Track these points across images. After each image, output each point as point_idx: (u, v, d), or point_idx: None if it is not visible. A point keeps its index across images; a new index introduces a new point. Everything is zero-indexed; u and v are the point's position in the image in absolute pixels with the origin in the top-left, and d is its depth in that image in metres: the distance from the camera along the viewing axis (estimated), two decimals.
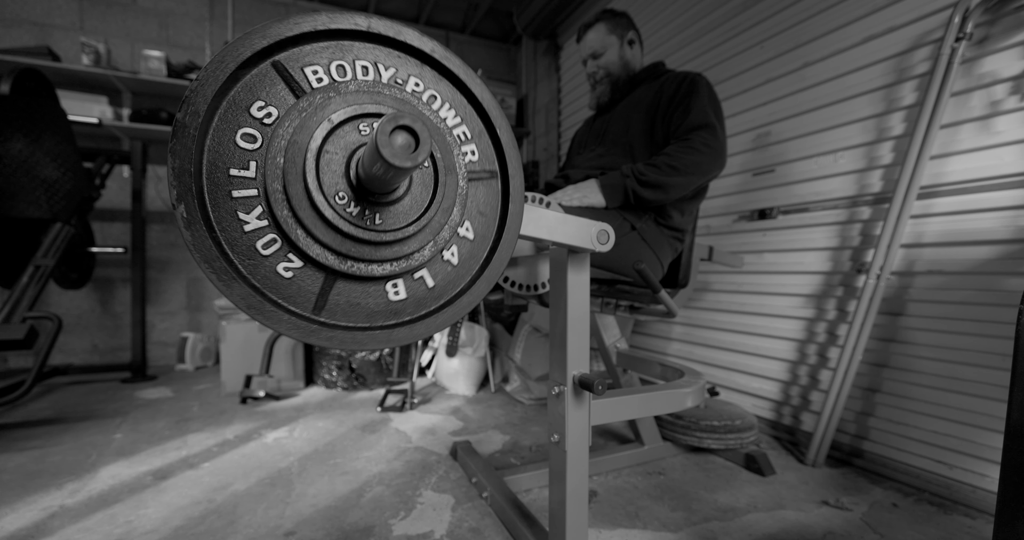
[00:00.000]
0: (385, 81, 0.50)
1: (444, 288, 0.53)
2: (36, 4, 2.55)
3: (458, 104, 0.54)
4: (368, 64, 0.49)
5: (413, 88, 0.51)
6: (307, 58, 0.46)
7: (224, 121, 0.43)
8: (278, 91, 0.45)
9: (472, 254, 0.55)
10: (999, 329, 1.15)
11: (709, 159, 1.14)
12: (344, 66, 0.47)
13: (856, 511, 1.15)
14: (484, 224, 0.56)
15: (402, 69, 0.51)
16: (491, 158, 0.56)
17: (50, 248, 1.85)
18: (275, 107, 0.45)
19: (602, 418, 0.88)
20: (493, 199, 0.56)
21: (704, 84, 1.22)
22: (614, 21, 1.38)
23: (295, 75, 0.45)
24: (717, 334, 1.93)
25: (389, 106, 0.47)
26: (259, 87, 0.44)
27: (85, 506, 1.14)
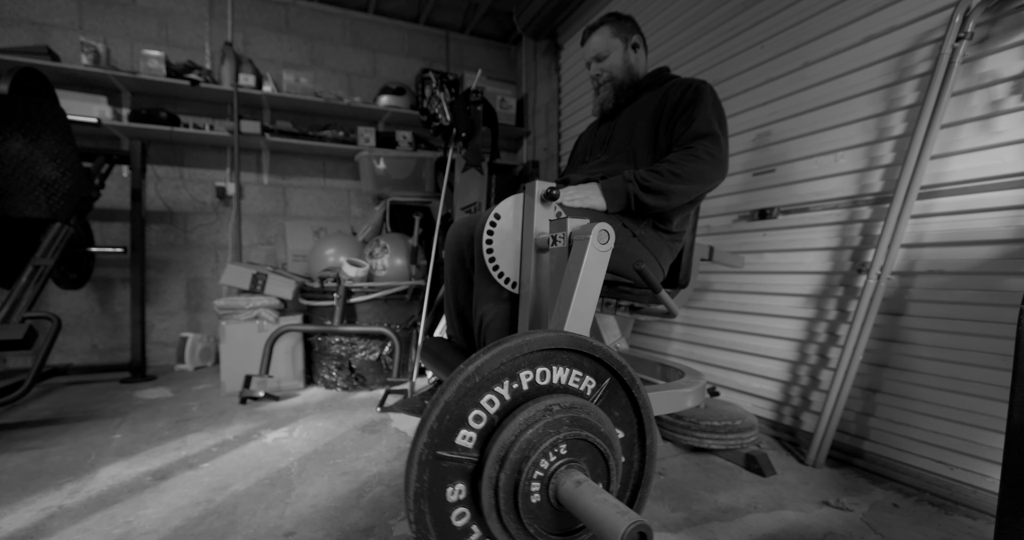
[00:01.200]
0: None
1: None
2: (35, 3, 2.54)
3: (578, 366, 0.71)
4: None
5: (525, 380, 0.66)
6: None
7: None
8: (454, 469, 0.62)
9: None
10: (1000, 329, 1.15)
11: (711, 168, 1.14)
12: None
13: (857, 511, 1.15)
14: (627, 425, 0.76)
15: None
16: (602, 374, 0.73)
17: (49, 248, 1.85)
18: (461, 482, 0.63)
19: None
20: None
21: (708, 92, 1.22)
22: (619, 24, 1.38)
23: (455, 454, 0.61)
24: (717, 334, 1.93)
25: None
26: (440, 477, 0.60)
27: (84, 506, 1.14)
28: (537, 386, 0.65)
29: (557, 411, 0.62)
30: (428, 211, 2.82)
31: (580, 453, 0.63)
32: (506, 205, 0.96)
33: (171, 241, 2.85)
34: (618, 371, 0.71)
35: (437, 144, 3.16)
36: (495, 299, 1.01)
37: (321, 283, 2.29)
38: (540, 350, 0.65)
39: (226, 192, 2.90)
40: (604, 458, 0.65)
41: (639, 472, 0.75)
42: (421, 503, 0.58)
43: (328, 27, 3.20)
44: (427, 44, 3.49)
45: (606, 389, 0.71)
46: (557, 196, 0.92)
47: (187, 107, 2.84)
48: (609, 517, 0.52)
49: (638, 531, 0.50)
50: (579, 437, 0.62)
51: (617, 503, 0.54)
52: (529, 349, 0.63)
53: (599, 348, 0.69)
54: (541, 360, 0.65)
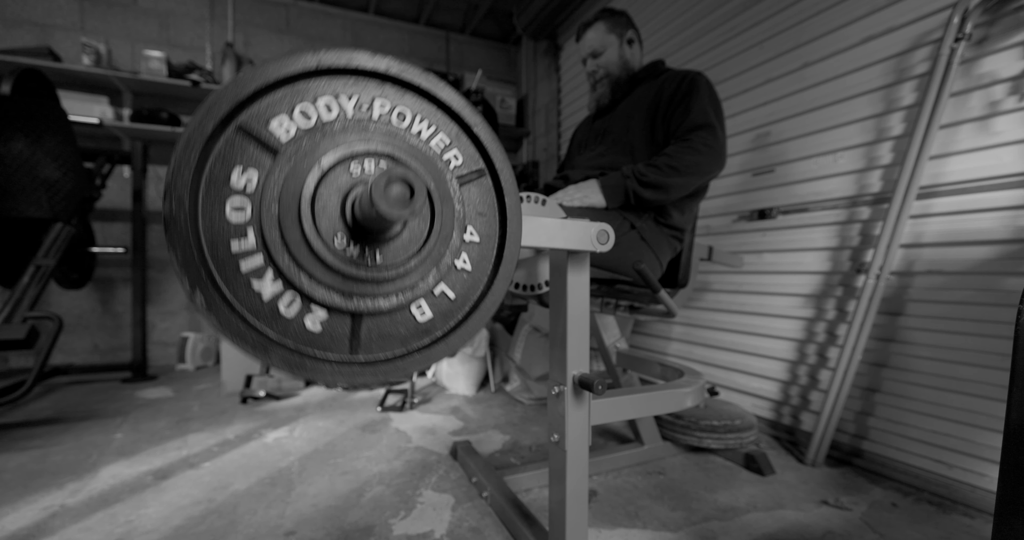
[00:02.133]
0: (350, 113, 0.49)
1: (466, 296, 0.54)
2: (37, 4, 2.55)
3: (428, 113, 0.54)
4: (330, 100, 0.48)
5: (379, 111, 0.51)
6: (269, 111, 0.45)
7: (209, 200, 0.42)
8: (252, 153, 0.44)
9: (483, 255, 0.56)
10: (998, 329, 1.15)
11: (709, 159, 1.14)
12: (307, 110, 0.47)
13: (856, 511, 1.15)
14: (486, 223, 0.56)
15: (364, 94, 0.50)
16: (475, 157, 0.56)
17: (51, 248, 1.85)
18: (255, 169, 0.44)
19: (602, 418, 0.89)
20: (488, 197, 0.57)
21: (704, 83, 1.22)
22: (613, 20, 1.38)
23: (262, 133, 0.45)
24: (717, 334, 1.93)
25: (361, 139, 0.48)
26: (232, 155, 0.43)
27: (86, 506, 1.14)
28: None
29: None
30: None
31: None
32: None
33: None
34: (494, 161, 0.56)
35: None
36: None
37: None
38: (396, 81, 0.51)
39: None
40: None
41: (485, 289, 0.56)
42: (197, 179, 0.42)
43: (328, 28, 3.20)
44: (427, 45, 3.49)
45: (475, 175, 0.56)
46: (545, 202, 0.92)
47: (188, 107, 2.85)
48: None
49: (399, 178, 0.41)
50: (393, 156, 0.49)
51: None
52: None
53: (481, 124, 0.55)
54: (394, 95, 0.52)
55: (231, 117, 0.43)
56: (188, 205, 0.41)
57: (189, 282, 0.41)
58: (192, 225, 0.41)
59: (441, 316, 0.53)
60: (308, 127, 0.46)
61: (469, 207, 0.55)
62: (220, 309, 0.42)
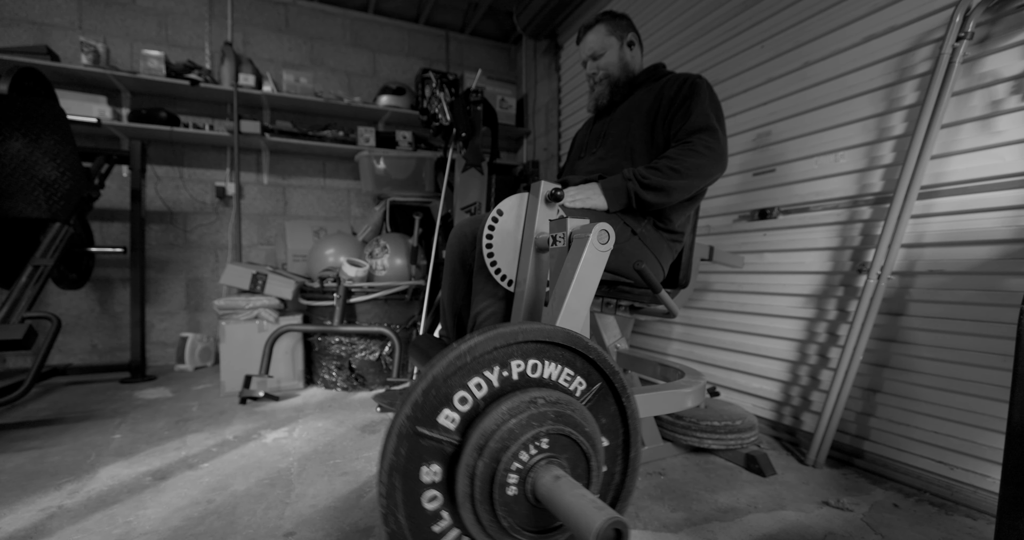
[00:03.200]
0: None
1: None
2: (35, 3, 2.54)
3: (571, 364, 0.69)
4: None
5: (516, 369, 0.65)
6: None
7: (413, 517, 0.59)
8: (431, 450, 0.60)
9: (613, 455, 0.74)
10: (1000, 329, 1.15)
11: (710, 162, 1.14)
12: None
13: (857, 512, 1.15)
14: (610, 426, 0.73)
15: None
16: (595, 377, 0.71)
17: (49, 248, 1.85)
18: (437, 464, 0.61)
19: None
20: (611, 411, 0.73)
21: (705, 86, 1.22)
22: (614, 22, 1.37)
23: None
24: (717, 334, 1.93)
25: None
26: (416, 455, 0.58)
27: (84, 507, 1.14)
28: (527, 378, 0.64)
29: (542, 404, 0.61)
30: (428, 211, 2.81)
31: (562, 449, 0.62)
32: (509, 203, 0.96)
33: (171, 241, 2.85)
34: (610, 376, 0.70)
35: (437, 144, 3.16)
36: (492, 296, 1.01)
37: (321, 283, 2.29)
38: (535, 341, 0.64)
39: (226, 192, 2.89)
40: (586, 457, 0.64)
41: (620, 484, 0.74)
42: (395, 478, 0.56)
43: (328, 27, 3.20)
44: (427, 44, 3.49)
45: (596, 393, 0.70)
46: (562, 197, 0.92)
47: (187, 107, 2.84)
48: (586, 512, 0.51)
49: (614, 527, 0.49)
50: (562, 433, 0.61)
51: (595, 499, 0.54)
52: (524, 338, 0.62)
53: (594, 349, 0.68)
54: (534, 352, 0.65)
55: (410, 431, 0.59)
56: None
57: None
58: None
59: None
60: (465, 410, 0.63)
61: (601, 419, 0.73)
62: None
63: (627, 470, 0.73)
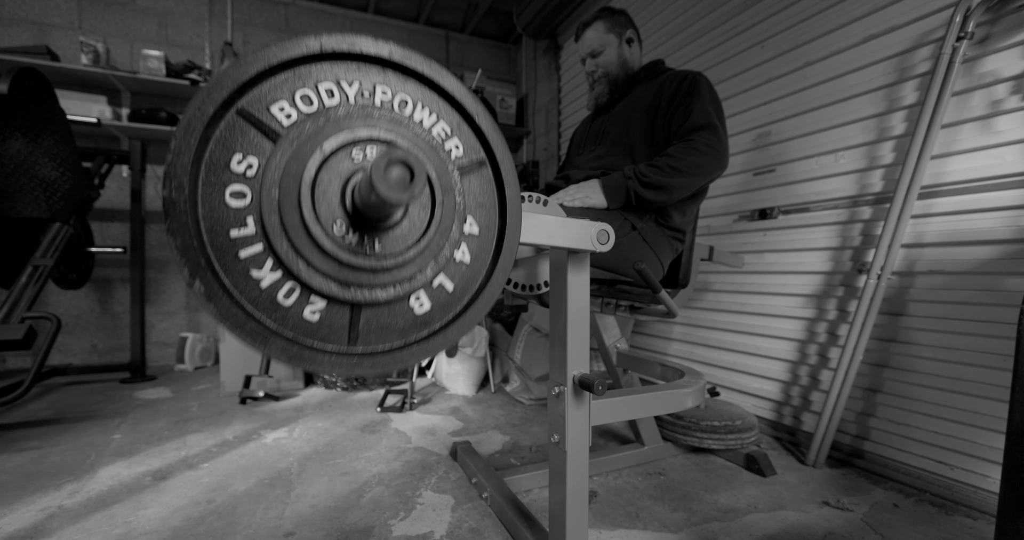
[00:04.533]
0: (352, 99, 0.48)
1: (464, 288, 0.54)
2: (35, 3, 2.54)
3: (430, 101, 0.53)
4: (331, 86, 0.47)
5: (381, 98, 0.50)
6: (270, 96, 0.44)
7: (209, 185, 0.42)
8: (252, 139, 0.44)
9: (482, 247, 0.55)
10: (1000, 329, 1.15)
11: (711, 160, 1.14)
12: (308, 95, 0.46)
13: (857, 512, 1.15)
14: (485, 215, 0.56)
15: (365, 80, 0.49)
16: (475, 147, 0.56)
17: (49, 248, 1.85)
18: (254, 156, 0.44)
19: (602, 418, 0.88)
20: (488, 188, 0.56)
21: (705, 84, 1.21)
22: (612, 19, 1.37)
23: (263, 118, 0.44)
24: (717, 334, 1.93)
25: (364, 125, 0.47)
26: (232, 140, 0.43)
27: (84, 507, 1.14)
28: (390, 109, 0.50)
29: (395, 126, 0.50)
30: None
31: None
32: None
33: None
34: (495, 151, 0.56)
35: None
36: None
37: None
38: (415, 72, 0.51)
39: None
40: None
41: (485, 281, 0.56)
42: (197, 164, 0.41)
43: (328, 27, 3.20)
44: (427, 44, 3.49)
45: (475, 165, 0.56)
46: (547, 203, 0.91)
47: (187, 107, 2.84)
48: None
49: (400, 160, 0.40)
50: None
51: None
52: (401, 60, 0.50)
53: (482, 114, 0.55)
54: (410, 88, 0.51)
55: (232, 101, 0.43)
56: (188, 190, 0.40)
57: (188, 270, 0.40)
58: (192, 211, 0.41)
59: (440, 308, 0.52)
60: (310, 112, 0.46)
61: (469, 198, 0.55)
62: (220, 298, 0.41)
63: (493, 269, 0.56)
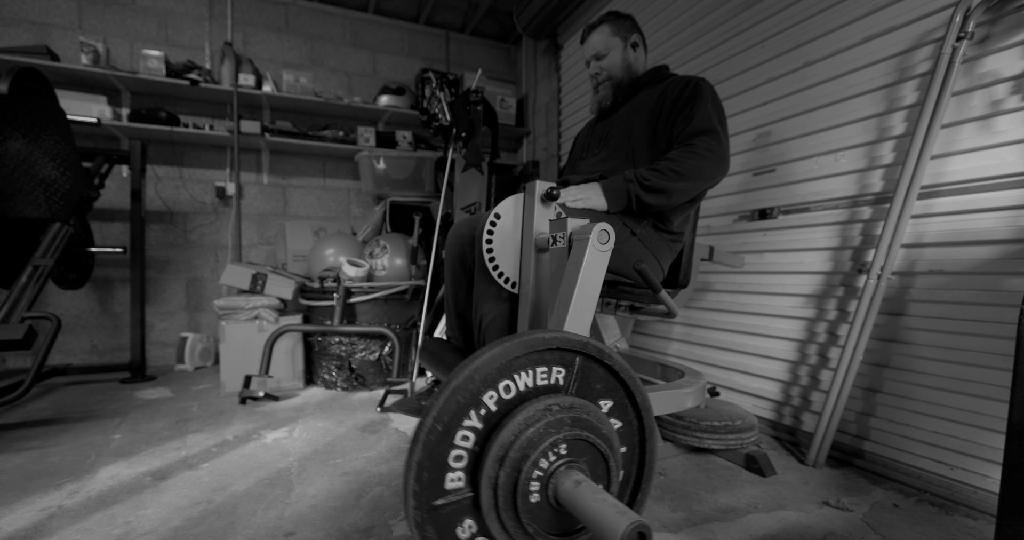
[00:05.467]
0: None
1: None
2: (35, 3, 2.54)
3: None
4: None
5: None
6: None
7: None
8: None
9: (628, 423, 0.73)
10: (1000, 329, 1.15)
11: (712, 165, 1.14)
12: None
13: (857, 512, 1.15)
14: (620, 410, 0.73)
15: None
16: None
17: (49, 248, 1.85)
18: (470, 520, 0.62)
19: None
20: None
21: (707, 89, 1.21)
22: (618, 23, 1.38)
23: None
24: (717, 334, 1.93)
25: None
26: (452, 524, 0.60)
27: (84, 507, 1.14)
28: (505, 401, 0.63)
29: (557, 410, 0.61)
30: (428, 211, 2.81)
31: (580, 453, 0.63)
32: (506, 205, 0.96)
33: (171, 241, 2.85)
34: (582, 350, 0.67)
35: (437, 144, 3.16)
36: (495, 299, 1.01)
37: (321, 283, 2.29)
38: (493, 369, 0.61)
39: (226, 192, 2.89)
40: (604, 459, 0.64)
41: (636, 482, 0.75)
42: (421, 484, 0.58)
43: (328, 27, 3.20)
44: (427, 44, 3.49)
45: (578, 371, 0.67)
46: (557, 196, 0.92)
47: (187, 107, 2.84)
48: (608, 516, 0.52)
49: (637, 531, 0.50)
50: (579, 437, 0.62)
51: (616, 503, 0.54)
52: (480, 376, 0.61)
53: (552, 339, 0.64)
54: (498, 375, 0.62)
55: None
56: None
57: None
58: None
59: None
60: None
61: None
62: None
63: (643, 469, 0.73)
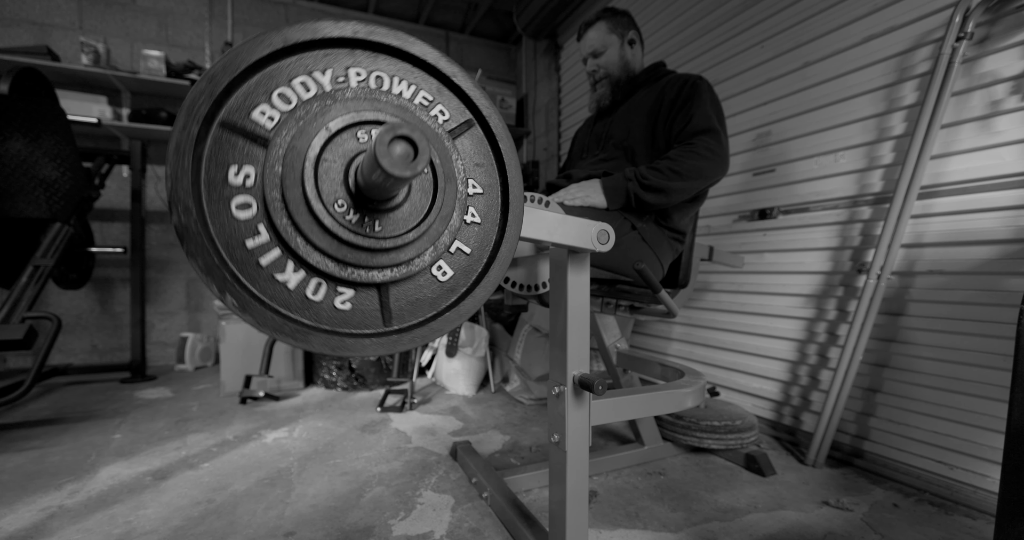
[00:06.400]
0: (328, 87, 0.48)
1: (481, 248, 0.56)
2: (35, 3, 2.54)
3: (405, 72, 0.53)
4: (305, 79, 0.47)
5: (355, 80, 0.50)
6: (248, 102, 0.44)
7: (213, 203, 0.42)
8: (242, 149, 0.43)
9: (489, 205, 0.56)
10: (1000, 329, 1.15)
11: (712, 164, 1.14)
12: (284, 93, 0.46)
13: (857, 511, 1.15)
14: (485, 173, 0.57)
15: (337, 65, 0.49)
16: (460, 109, 0.56)
17: (49, 248, 1.85)
18: (250, 165, 0.44)
19: (602, 418, 0.88)
20: (482, 146, 0.57)
21: (706, 88, 1.22)
22: (615, 20, 1.38)
23: (247, 126, 0.44)
24: (717, 334, 1.93)
25: (346, 111, 0.47)
26: (224, 154, 0.43)
27: (84, 507, 1.14)
28: (368, 90, 0.51)
29: (384, 100, 0.51)
30: None
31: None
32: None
33: (171, 241, 2.85)
34: (480, 108, 0.57)
35: None
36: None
37: None
38: (379, 44, 0.52)
39: None
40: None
41: (501, 226, 0.57)
42: (185, 160, 0.41)
43: None
44: (427, 44, 3.48)
45: (463, 126, 0.56)
46: (548, 204, 0.91)
47: None
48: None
49: (397, 134, 0.39)
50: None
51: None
52: (367, 37, 0.51)
53: (460, 74, 0.56)
54: (382, 63, 0.52)
55: (213, 115, 0.43)
56: (195, 212, 0.41)
57: (216, 287, 0.41)
58: (205, 231, 0.41)
59: (462, 272, 0.54)
60: (288, 109, 0.46)
61: (466, 160, 0.55)
62: (253, 307, 0.42)
63: (505, 224, 0.57)
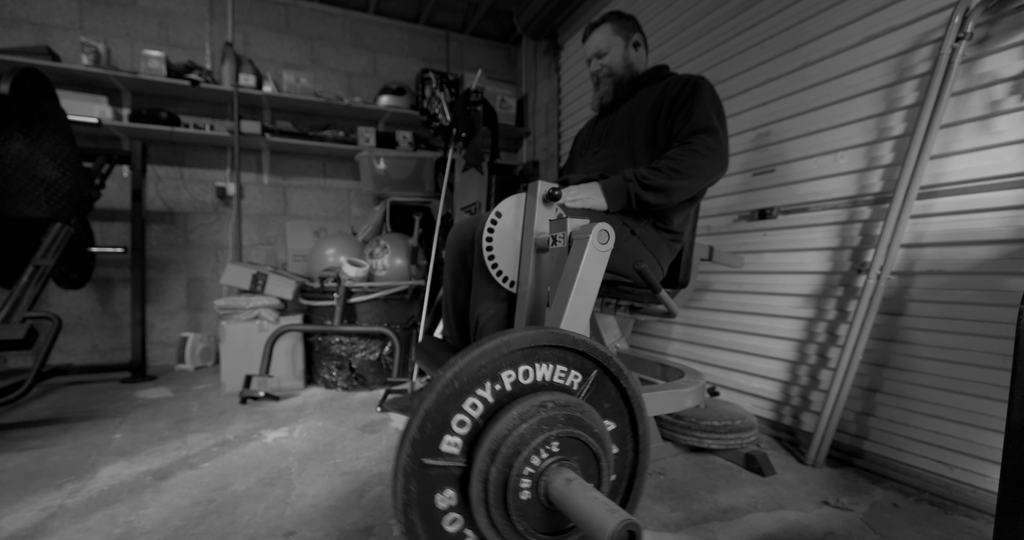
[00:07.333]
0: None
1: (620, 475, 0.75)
2: (36, 4, 2.55)
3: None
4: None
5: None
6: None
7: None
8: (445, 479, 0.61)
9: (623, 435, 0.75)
10: (999, 329, 1.15)
11: (711, 163, 1.14)
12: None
13: (856, 511, 1.15)
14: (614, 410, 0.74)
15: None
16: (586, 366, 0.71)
17: (50, 248, 1.85)
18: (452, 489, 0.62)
19: None
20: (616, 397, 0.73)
21: (707, 87, 1.22)
22: (620, 22, 1.39)
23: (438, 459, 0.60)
24: (717, 334, 1.93)
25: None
26: (435, 486, 0.60)
27: (85, 506, 1.14)
28: (521, 385, 0.64)
29: (551, 408, 0.62)
30: (428, 211, 2.82)
31: (572, 451, 0.63)
32: (508, 204, 0.96)
33: (171, 241, 2.85)
34: (603, 362, 0.70)
35: (437, 144, 3.16)
36: (493, 298, 1.01)
37: (321, 283, 2.29)
38: (520, 349, 0.64)
39: (226, 192, 2.90)
40: (596, 458, 0.64)
41: (633, 461, 0.75)
42: (411, 513, 0.57)
43: (328, 27, 3.20)
44: (427, 44, 3.49)
45: (594, 381, 0.70)
46: (559, 197, 0.92)
47: (187, 107, 2.84)
48: (599, 515, 0.52)
49: (627, 529, 0.50)
50: (572, 435, 0.62)
51: (607, 501, 0.54)
52: (508, 349, 0.62)
53: (582, 341, 0.68)
54: (523, 359, 0.64)
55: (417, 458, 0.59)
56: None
57: None
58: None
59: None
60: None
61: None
62: None
63: (638, 447, 0.74)
